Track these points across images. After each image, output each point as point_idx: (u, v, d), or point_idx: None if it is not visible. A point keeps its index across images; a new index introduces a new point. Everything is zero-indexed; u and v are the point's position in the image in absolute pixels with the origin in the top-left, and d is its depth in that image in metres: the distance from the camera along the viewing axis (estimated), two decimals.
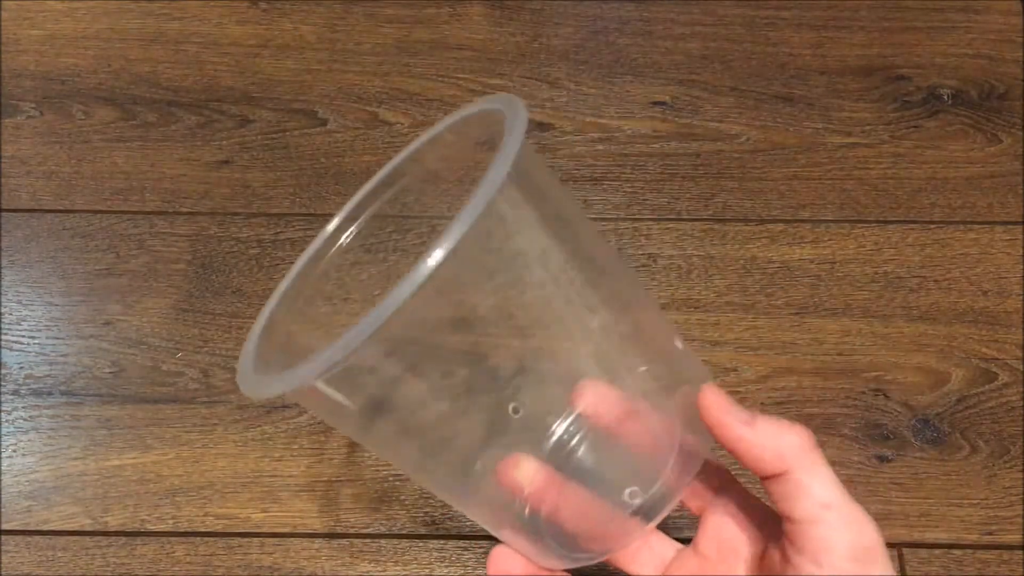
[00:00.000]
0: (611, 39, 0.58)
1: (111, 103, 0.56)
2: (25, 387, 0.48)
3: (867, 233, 0.51)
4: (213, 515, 0.45)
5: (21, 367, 0.48)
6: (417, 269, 0.23)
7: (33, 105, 0.56)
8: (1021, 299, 0.49)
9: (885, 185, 0.53)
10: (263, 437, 0.47)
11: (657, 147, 0.54)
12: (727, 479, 0.33)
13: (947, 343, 0.48)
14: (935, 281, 0.50)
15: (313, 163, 0.54)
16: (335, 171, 0.54)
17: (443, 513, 0.45)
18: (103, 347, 0.49)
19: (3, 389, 0.48)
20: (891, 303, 0.49)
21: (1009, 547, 0.44)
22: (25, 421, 0.47)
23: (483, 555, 0.44)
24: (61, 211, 0.53)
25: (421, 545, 0.44)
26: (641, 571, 0.33)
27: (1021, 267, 0.50)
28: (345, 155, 0.54)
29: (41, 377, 0.48)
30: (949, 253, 0.51)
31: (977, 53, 0.57)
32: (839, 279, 0.50)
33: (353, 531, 0.45)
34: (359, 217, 0.36)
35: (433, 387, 0.30)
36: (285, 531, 0.44)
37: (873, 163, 0.54)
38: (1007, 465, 0.45)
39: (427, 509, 0.45)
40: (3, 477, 0.46)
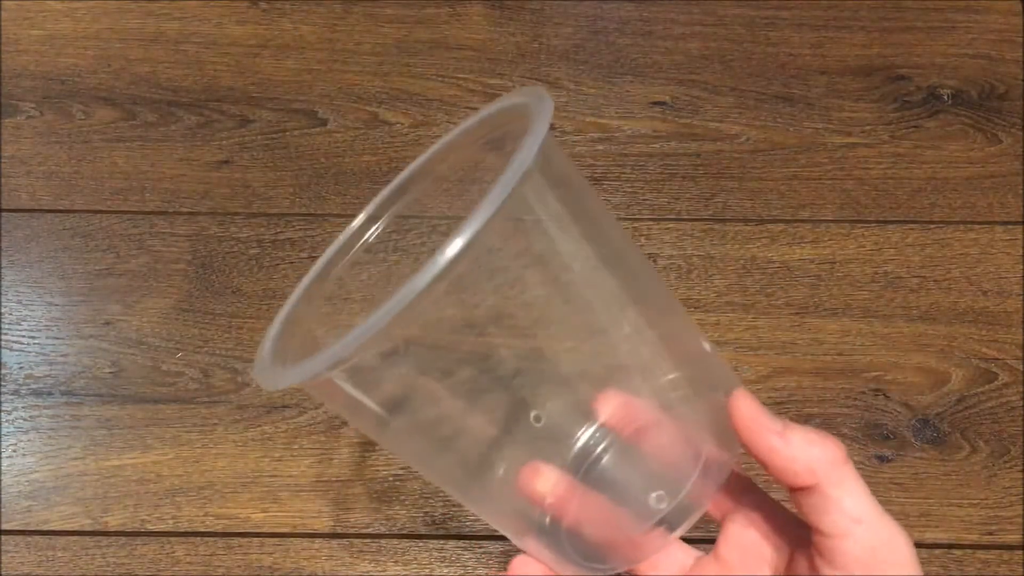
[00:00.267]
0: (611, 39, 0.58)
1: (111, 103, 0.56)
2: (25, 387, 0.48)
3: (867, 233, 0.51)
4: (213, 515, 0.45)
5: (21, 367, 0.48)
6: (434, 261, 0.22)
7: (33, 105, 0.56)
8: (1021, 299, 0.49)
9: (885, 185, 0.53)
10: (263, 437, 0.47)
11: (657, 147, 0.54)
12: (747, 483, 0.32)
13: (947, 343, 0.48)
14: (935, 281, 0.50)
15: (313, 163, 0.54)
16: (335, 171, 0.54)
17: (443, 513, 0.45)
18: (103, 347, 0.49)
19: (3, 389, 0.48)
20: (891, 303, 0.49)
21: (1009, 547, 0.44)
22: (25, 421, 0.47)
23: (483, 555, 0.44)
24: (61, 211, 0.53)
25: (421, 545, 0.44)
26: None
27: (1021, 267, 0.50)
28: (345, 155, 0.54)
29: (41, 377, 0.48)
30: (949, 253, 0.51)
31: (977, 53, 0.57)
32: (839, 279, 0.50)
33: (353, 531, 0.45)
34: (382, 216, 0.35)
35: (452, 387, 0.30)
36: (285, 531, 0.44)
37: (873, 163, 0.54)
38: (1007, 465, 0.45)
39: (427, 509, 0.45)
40: (3, 477, 0.46)
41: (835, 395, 0.47)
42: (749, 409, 0.28)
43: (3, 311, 0.50)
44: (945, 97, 0.56)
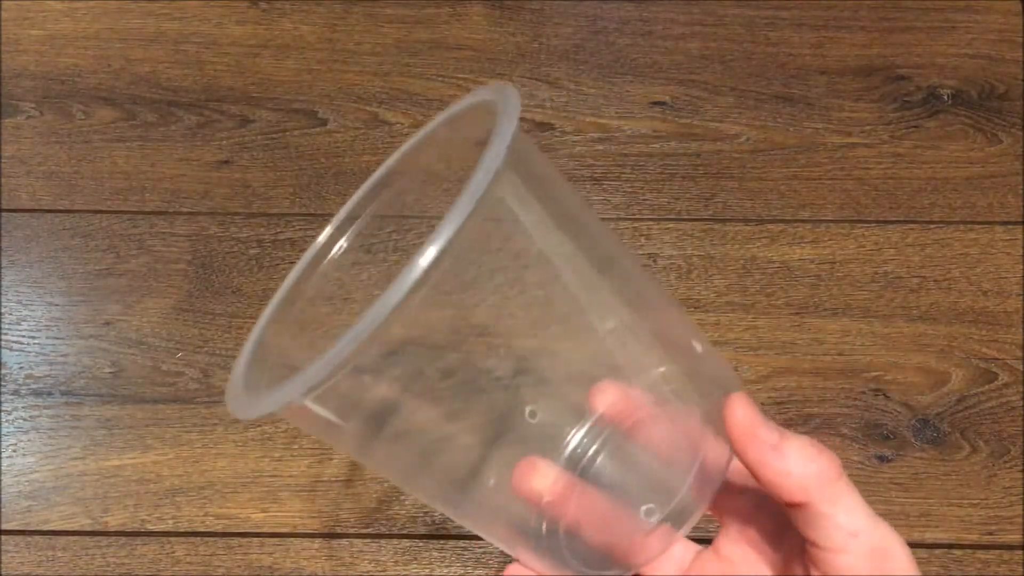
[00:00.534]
0: (611, 39, 0.58)
1: (111, 103, 0.56)
2: (25, 387, 0.48)
3: (867, 233, 0.51)
4: (213, 515, 0.45)
5: (21, 367, 0.48)
6: (408, 270, 0.21)
7: (33, 105, 0.56)
8: (1021, 299, 0.49)
9: (885, 185, 0.53)
10: (263, 437, 0.47)
11: (657, 147, 0.54)
12: (747, 477, 0.31)
13: (947, 343, 0.48)
14: (935, 281, 0.50)
15: (313, 163, 0.54)
16: (335, 171, 0.54)
17: (443, 514, 0.45)
18: (103, 347, 0.49)
19: (3, 389, 0.48)
20: (891, 303, 0.49)
21: (1009, 547, 0.44)
22: (25, 421, 0.47)
23: (483, 555, 0.44)
24: (61, 211, 0.53)
25: (421, 545, 0.44)
26: (658, 572, 0.31)
27: (1021, 267, 0.50)
28: (345, 155, 0.54)
29: (41, 377, 0.48)
30: (949, 253, 0.51)
31: (977, 53, 0.57)
32: (839, 279, 0.50)
33: (353, 531, 0.45)
34: (353, 223, 0.35)
35: (435, 395, 0.29)
36: (285, 531, 0.44)
37: (873, 163, 0.54)
38: (1007, 465, 0.45)
39: (427, 509, 0.45)
40: (3, 477, 0.46)
41: (835, 395, 0.47)
42: (745, 416, 0.27)
43: (3, 311, 0.50)
44: (945, 97, 0.56)
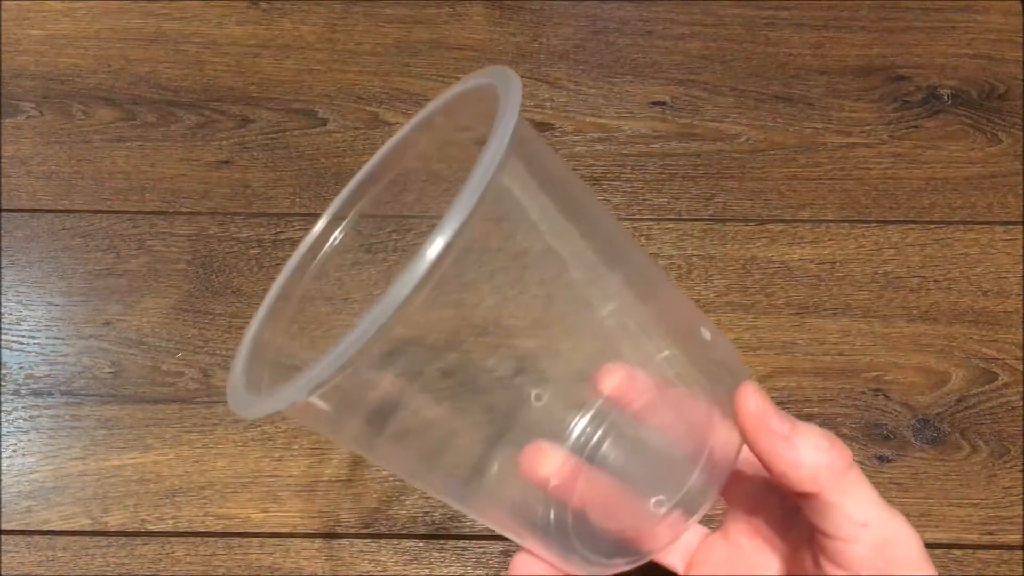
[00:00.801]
0: (611, 39, 0.58)
1: (111, 103, 0.56)
2: (25, 387, 0.48)
3: (867, 233, 0.51)
4: (213, 515, 0.45)
5: (21, 367, 0.48)
6: (415, 263, 0.21)
7: (33, 105, 0.56)
8: (1021, 299, 0.49)
9: (885, 185, 0.53)
10: (263, 437, 0.47)
11: (657, 147, 0.54)
12: (756, 463, 0.30)
13: (947, 343, 0.48)
14: (935, 281, 0.50)
15: (313, 163, 0.54)
16: (335, 171, 0.54)
17: (443, 514, 0.45)
18: (103, 347, 0.49)
19: (3, 389, 0.48)
20: (891, 303, 0.49)
21: (1009, 547, 0.44)
22: (25, 421, 0.47)
23: (483, 555, 0.44)
24: (61, 211, 0.53)
25: (421, 545, 0.44)
26: (666, 556, 0.31)
27: (1021, 267, 0.50)
28: (345, 155, 0.54)
29: (41, 377, 0.48)
30: (949, 253, 0.51)
31: (977, 53, 0.57)
32: (839, 279, 0.50)
33: (353, 531, 0.45)
34: (345, 218, 0.35)
35: (439, 386, 0.29)
36: (285, 531, 0.44)
37: (873, 163, 0.54)
38: (1007, 465, 0.45)
39: (427, 509, 0.45)
40: (3, 477, 0.46)
41: (835, 395, 0.47)
42: (756, 407, 0.27)
43: (3, 311, 0.50)
44: (945, 97, 0.56)
